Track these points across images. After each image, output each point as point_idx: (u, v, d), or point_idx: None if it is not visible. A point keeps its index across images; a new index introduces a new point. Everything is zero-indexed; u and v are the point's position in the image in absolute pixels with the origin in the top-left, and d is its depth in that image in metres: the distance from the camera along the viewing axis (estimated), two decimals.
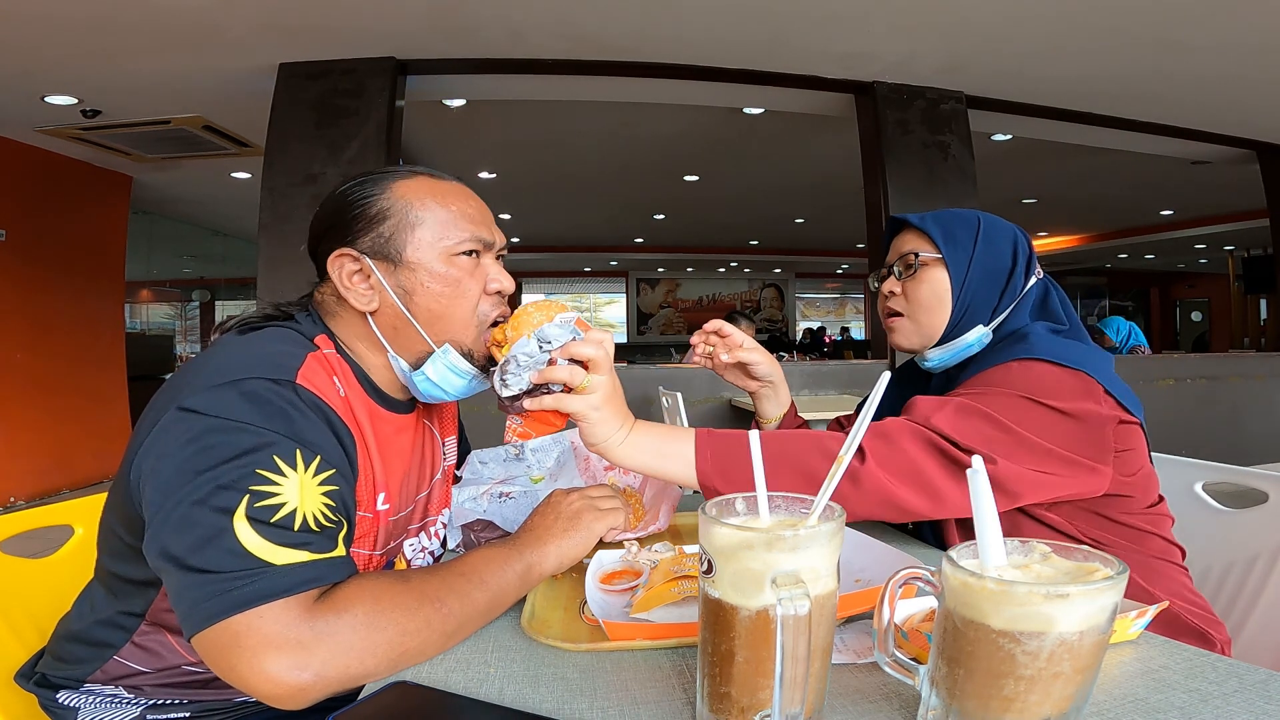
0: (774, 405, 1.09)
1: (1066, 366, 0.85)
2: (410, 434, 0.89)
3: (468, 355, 0.82)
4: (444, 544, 0.96)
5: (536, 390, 0.75)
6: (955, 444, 0.78)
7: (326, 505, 0.66)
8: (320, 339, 0.79)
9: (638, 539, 0.87)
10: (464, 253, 0.81)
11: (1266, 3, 3.00)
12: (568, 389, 0.75)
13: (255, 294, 3.70)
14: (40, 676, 0.79)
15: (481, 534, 0.92)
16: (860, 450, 0.76)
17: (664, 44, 3.41)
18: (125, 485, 0.70)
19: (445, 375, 0.81)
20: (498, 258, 0.87)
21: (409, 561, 0.92)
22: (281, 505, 0.62)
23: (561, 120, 4.83)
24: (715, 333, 1.03)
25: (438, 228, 0.81)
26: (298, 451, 0.65)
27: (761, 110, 4.36)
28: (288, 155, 3.39)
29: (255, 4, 2.91)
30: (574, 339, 0.76)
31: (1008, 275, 0.98)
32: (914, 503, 0.77)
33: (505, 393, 0.76)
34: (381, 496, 0.81)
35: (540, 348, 0.75)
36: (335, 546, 0.65)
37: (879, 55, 3.56)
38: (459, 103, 4.28)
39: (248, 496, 0.61)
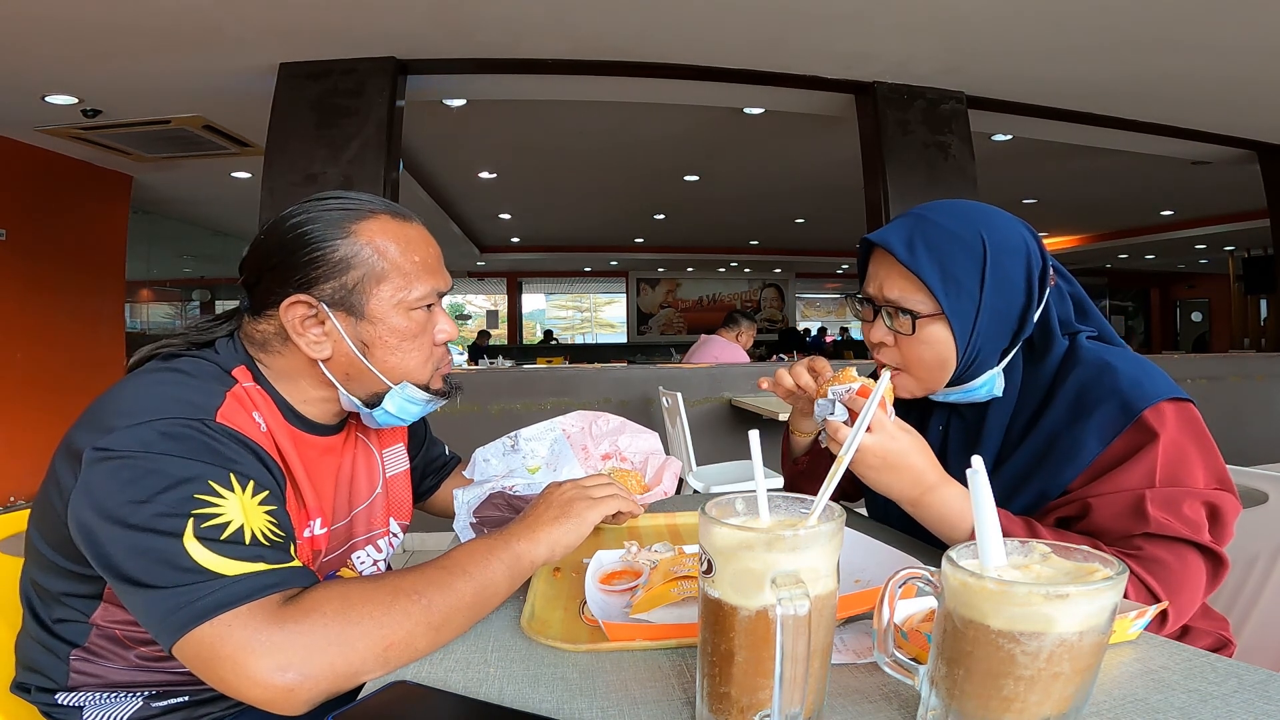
0: (811, 423, 1.03)
1: (1181, 399, 0.78)
2: (339, 452, 0.89)
3: (423, 388, 0.84)
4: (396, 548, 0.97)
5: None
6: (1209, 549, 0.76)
7: (270, 523, 0.66)
8: (238, 371, 0.78)
9: (635, 536, 0.87)
10: (422, 306, 0.81)
11: (1266, 3, 3.00)
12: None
13: None
14: (21, 687, 0.78)
15: (499, 514, 0.92)
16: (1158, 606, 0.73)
17: (664, 44, 3.41)
18: (49, 509, 0.70)
19: (404, 406, 0.84)
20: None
21: (360, 573, 0.92)
22: (227, 524, 0.63)
23: (561, 120, 4.82)
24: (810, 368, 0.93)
25: (400, 280, 0.79)
26: (230, 475, 0.66)
27: (761, 110, 4.35)
28: (288, 155, 3.38)
29: (255, 4, 2.91)
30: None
31: (1021, 313, 0.83)
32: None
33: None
34: (318, 522, 0.82)
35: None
36: (290, 558, 0.66)
37: (879, 55, 3.55)
38: (459, 103, 4.28)
39: (192, 520, 0.62)
